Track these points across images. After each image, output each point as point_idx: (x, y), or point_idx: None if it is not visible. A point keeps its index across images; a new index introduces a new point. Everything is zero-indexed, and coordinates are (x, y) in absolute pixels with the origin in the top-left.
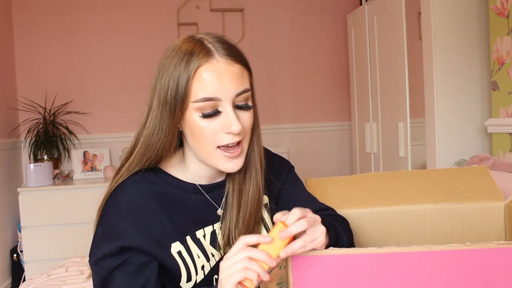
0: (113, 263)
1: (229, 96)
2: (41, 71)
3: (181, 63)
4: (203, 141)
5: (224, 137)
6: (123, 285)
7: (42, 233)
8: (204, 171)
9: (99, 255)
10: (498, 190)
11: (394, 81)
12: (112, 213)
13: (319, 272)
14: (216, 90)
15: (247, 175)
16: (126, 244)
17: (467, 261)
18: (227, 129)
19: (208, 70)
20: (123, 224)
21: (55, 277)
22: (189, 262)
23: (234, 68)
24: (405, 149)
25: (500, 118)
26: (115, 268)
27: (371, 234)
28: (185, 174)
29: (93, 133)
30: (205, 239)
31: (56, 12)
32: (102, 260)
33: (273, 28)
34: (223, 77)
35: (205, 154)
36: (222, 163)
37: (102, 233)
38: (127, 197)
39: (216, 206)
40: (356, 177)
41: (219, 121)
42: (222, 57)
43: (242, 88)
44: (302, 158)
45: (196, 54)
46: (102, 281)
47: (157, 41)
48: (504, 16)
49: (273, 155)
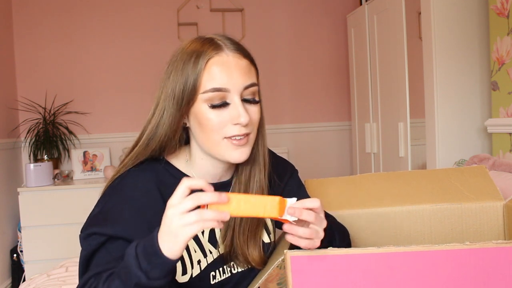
0: (101, 239)
1: (238, 88)
2: (41, 71)
3: (190, 59)
4: (210, 132)
5: (231, 128)
6: (103, 262)
7: (42, 233)
8: (211, 167)
9: (89, 232)
10: (497, 190)
11: (394, 81)
12: (113, 196)
13: (318, 272)
14: (225, 81)
15: (251, 174)
16: (117, 232)
17: (466, 261)
18: (235, 120)
19: (217, 63)
20: (121, 209)
21: (55, 277)
22: (185, 256)
23: (242, 62)
24: (405, 149)
25: (500, 118)
26: (102, 245)
27: (370, 234)
28: (191, 172)
29: (93, 133)
30: (203, 236)
31: (56, 12)
32: (91, 236)
33: (273, 28)
34: (232, 69)
35: (212, 145)
36: (229, 152)
37: (98, 212)
38: (130, 183)
39: None
40: (354, 177)
41: (227, 113)
42: (231, 51)
43: (250, 81)
44: (302, 158)
45: (205, 49)
46: (88, 255)
47: (157, 41)
48: (504, 16)
49: (277, 157)
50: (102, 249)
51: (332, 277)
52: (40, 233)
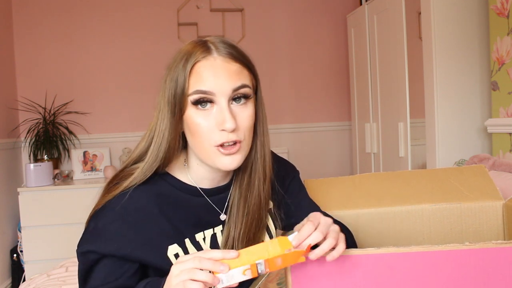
0: (95, 257)
1: (224, 91)
2: (41, 71)
3: (180, 62)
4: (200, 139)
5: (218, 135)
6: (101, 277)
7: (42, 233)
8: (207, 173)
9: (84, 250)
10: (496, 189)
11: (394, 81)
12: (108, 212)
13: (318, 272)
14: (211, 85)
15: (251, 182)
16: (110, 251)
17: (465, 261)
18: (220, 126)
19: (204, 66)
20: (116, 226)
21: (55, 277)
22: None
23: (231, 66)
24: (405, 149)
25: (500, 118)
26: (97, 262)
27: (369, 234)
28: (188, 177)
29: (93, 133)
30: (204, 242)
31: (56, 12)
32: (88, 254)
33: (273, 28)
34: (219, 73)
35: (203, 152)
36: (219, 160)
37: (93, 229)
38: (125, 198)
39: (217, 210)
40: (354, 177)
41: (213, 117)
42: (220, 55)
43: (240, 83)
44: (302, 158)
45: (194, 52)
46: (86, 269)
47: (157, 41)
48: (504, 16)
49: (280, 159)
50: (98, 265)
51: (332, 277)
52: (40, 233)
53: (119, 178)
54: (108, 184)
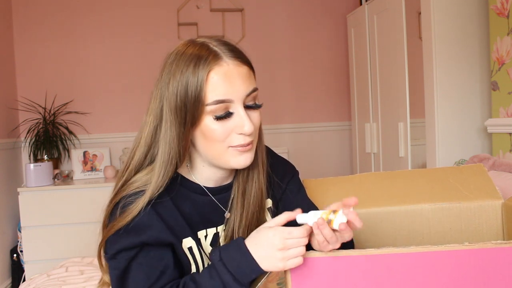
0: (130, 254)
1: (240, 97)
2: (41, 71)
3: (188, 67)
4: (214, 143)
5: (236, 138)
6: (141, 275)
7: (42, 233)
8: (212, 174)
9: (115, 250)
10: (495, 189)
11: (394, 81)
12: (126, 211)
13: (317, 273)
14: (228, 92)
15: (250, 175)
16: (144, 239)
17: (465, 261)
18: (239, 129)
19: (219, 73)
20: (140, 219)
21: (55, 277)
22: (198, 259)
23: (242, 69)
24: (405, 149)
25: (500, 118)
26: (132, 259)
27: (369, 234)
28: (192, 177)
29: (93, 133)
30: (205, 240)
31: (56, 12)
32: (119, 254)
33: (273, 28)
34: (233, 79)
35: (217, 154)
36: (234, 159)
37: (118, 230)
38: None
39: (223, 208)
40: (353, 177)
41: (231, 122)
42: (230, 59)
43: (251, 88)
44: (302, 158)
45: (204, 58)
46: (120, 274)
47: (157, 41)
48: (504, 16)
49: (278, 156)
50: (134, 265)
51: (331, 278)
52: (40, 233)
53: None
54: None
